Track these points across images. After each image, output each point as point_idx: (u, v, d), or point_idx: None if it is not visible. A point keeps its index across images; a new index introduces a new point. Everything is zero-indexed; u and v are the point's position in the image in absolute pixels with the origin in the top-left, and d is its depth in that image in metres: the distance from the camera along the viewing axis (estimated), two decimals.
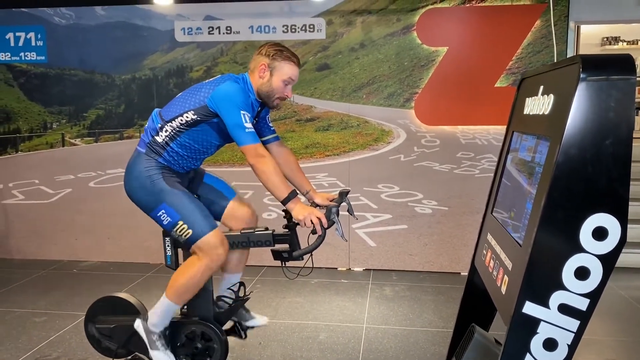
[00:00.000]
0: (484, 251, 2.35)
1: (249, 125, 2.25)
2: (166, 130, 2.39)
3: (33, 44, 4.82)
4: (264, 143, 2.60)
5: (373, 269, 4.61)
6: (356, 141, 4.58)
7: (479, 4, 4.30)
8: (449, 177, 4.48)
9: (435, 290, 4.12)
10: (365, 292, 4.10)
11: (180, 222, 2.33)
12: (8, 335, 3.33)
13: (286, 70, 2.39)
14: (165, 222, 2.36)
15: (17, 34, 4.82)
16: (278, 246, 2.40)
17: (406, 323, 3.50)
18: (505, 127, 2.45)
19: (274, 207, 4.59)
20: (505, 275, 1.87)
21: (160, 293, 2.50)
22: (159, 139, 2.40)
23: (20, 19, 4.81)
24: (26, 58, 4.85)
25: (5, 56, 4.88)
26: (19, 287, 4.27)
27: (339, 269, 4.66)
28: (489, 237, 2.31)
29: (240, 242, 2.39)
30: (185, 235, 2.34)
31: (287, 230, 2.38)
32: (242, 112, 2.25)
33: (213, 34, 4.61)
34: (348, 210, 2.50)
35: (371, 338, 3.28)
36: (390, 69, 4.47)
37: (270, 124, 2.61)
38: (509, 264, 1.87)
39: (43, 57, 4.84)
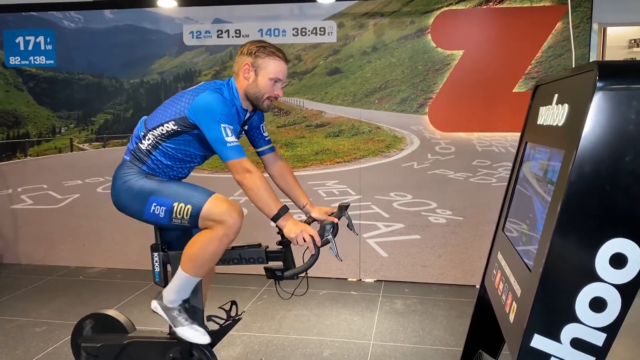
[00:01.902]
0: (494, 271, 2.18)
1: (230, 139, 2.09)
2: (149, 139, 2.27)
3: (42, 47, 4.78)
4: (259, 154, 2.47)
5: (384, 280, 4.45)
6: (368, 148, 4.43)
7: (496, 6, 4.12)
8: (464, 186, 4.30)
9: (448, 304, 3.94)
10: (374, 305, 3.94)
11: (176, 204, 2.16)
12: (6, 346, 3.26)
13: (272, 67, 2.23)
14: (162, 215, 2.19)
15: (27, 37, 4.79)
16: (272, 263, 2.26)
17: (415, 340, 3.34)
18: None
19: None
20: (514, 302, 1.71)
21: None
22: (142, 146, 2.29)
23: (30, 22, 4.78)
24: (35, 62, 4.81)
25: (15, 60, 4.85)
26: (24, 293, 4.22)
27: (349, 279, 4.51)
28: (499, 256, 2.15)
29: (231, 258, 2.26)
30: (187, 215, 2.16)
31: (280, 246, 2.24)
32: (222, 125, 2.09)
33: (222, 37, 4.51)
34: (348, 226, 2.35)
35: (377, 356, 3.13)
36: (404, 73, 4.31)
37: (265, 134, 2.47)
38: (517, 290, 1.71)
39: (52, 61, 4.79)
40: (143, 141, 2.28)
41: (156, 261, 2.34)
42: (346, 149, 4.46)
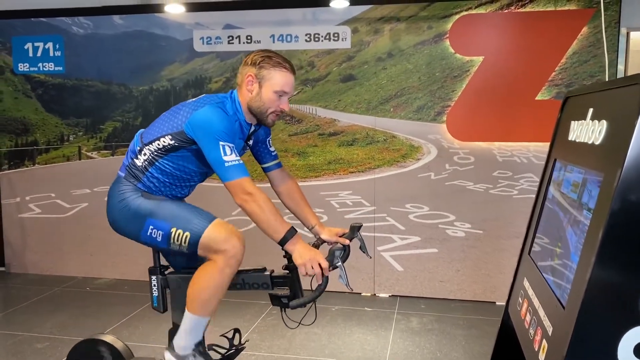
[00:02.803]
0: (520, 299, 2.00)
1: (229, 157, 1.94)
2: (144, 154, 2.13)
3: (51, 54, 4.69)
4: (265, 170, 2.32)
5: (400, 296, 4.27)
6: (383, 157, 4.27)
7: (518, 10, 3.93)
8: (484, 198, 4.11)
9: (467, 322, 3.75)
10: (389, 322, 3.77)
11: (174, 230, 2.03)
12: None
13: (277, 79, 2.07)
14: (159, 239, 2.07)
15: (36, 44, 4.71)
16: (278, 289, 2.10)
17: None
18: (547, 144, 2.11)
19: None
20: (545, 340, 1.53)
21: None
22: (138, 162, 2.15)
23: (39, 29, 4.70)
24: (44, 69, 4.73)
25: (24, 67, 4.77)
26: (29, 305, 4.12)
27: (362, 294, 4.33)
28: (526, 283, 1.97)
29: (234, 284, 2.11)
30: (185, 242, 2.02)
31: (287, 271, 2.08)
32: (220, 143, 1.94)
33: (233, 43, 4.38)
34: (360, 248, 2.19)
35: None
36: (421, 80, 4.14)
37: (272, 148, 2.32)
38: (548, 327, 1.53)
39: (61, 68, 4.70)
40: (139, 156, 2.15)
41: (154, 285, 2.20)
42: (360, 159, 4.30)
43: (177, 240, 2.03)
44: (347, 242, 2.13)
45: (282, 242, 1.94)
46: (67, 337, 3.50)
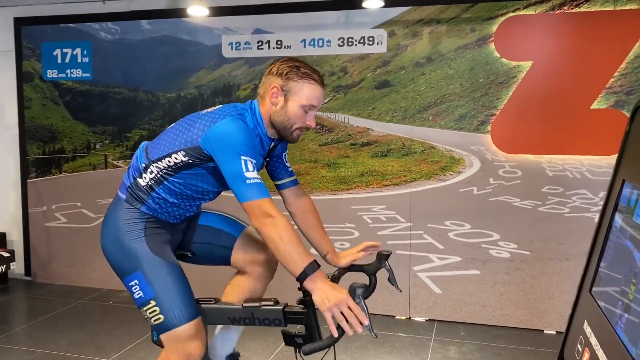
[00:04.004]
0: (579, 346, 1.68)
1: (251, 174, 1.71)
2: (151, 172, 1.91)
3: (79, 60, 4.61)
4: (279, 188, 2.06)
5: (437, 320, 3.95)
6: (420, 169, 3.96)
7: (572, 10, 3.58)
8: (532, 216, 3.76)
9: (511, 354, 3.40)
10: (425, 351, 3.45)
11: (152, 303, 1.86)
12: None
13: (306, 92, 1.83)
14: (136, 296, 1.90)
15: (64, 50, 4.63)
16: (292, 326, 1.85)
17: None
18: (603, 157, 1.79)
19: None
20: None
21: None
22: (141, 181, 1.92)
23: (67, 34, 4.62)
24: (72, 75, 4.64)
25: (52, 73, 4.70)
26: (50, 319, 3.99)
27: (397, 317, 4.03)
28: (586, 327, 1.65)
29: (242, 318, 1.86)
30: (154, 320, 1.87)
31: (302, 306, 1.82)
32: (242, 158, 1.72)
33: (262, 48, 4.17)
34: (389, 279, 1.91)
35: None
36: (463, 87, 3.83)
37: (288, 164, 2.06)
38: None
39: (88, 74, 4.61)
40: (144, 175, 1.92)
41: None
42: (395, 171, 4.01)
43: (150, 314, 1.89)
44: (372, 273, 1.85)
45: (301, 278, 1.68)
46: (81, 356, 3.34)
